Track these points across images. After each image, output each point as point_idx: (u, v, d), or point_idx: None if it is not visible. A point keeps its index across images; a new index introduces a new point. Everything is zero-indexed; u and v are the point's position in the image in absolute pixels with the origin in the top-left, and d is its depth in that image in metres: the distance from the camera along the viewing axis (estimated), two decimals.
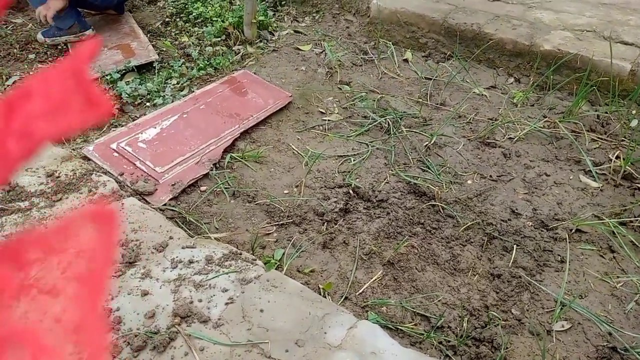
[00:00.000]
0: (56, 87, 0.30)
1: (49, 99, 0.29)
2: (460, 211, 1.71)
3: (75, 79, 0.30)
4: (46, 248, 0.30)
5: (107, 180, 1.68)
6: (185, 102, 2.15)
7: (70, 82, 0.30)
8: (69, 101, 0.29)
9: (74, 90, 0.30)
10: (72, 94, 0.30)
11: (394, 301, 1.44)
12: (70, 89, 0.30)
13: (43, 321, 0.29)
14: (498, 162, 1.91)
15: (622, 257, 1.56)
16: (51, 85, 0.30)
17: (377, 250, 1.57)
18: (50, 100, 0.29)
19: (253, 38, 2.63)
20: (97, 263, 0.29)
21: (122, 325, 1.23)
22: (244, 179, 1.84)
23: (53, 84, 0.30)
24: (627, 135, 1.98)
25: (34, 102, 0.29)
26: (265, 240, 1.61)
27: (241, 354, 1.17)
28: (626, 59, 2.13)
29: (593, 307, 1.43)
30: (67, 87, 0.30)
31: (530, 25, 2.43)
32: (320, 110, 2.20)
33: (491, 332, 1.35)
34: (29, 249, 0.30)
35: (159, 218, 1.56)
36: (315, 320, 1.25)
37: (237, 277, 1.35)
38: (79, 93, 0.29)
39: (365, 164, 1.91)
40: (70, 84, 0.30)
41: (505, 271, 1.50)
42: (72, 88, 0.30)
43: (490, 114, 2.16)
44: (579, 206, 1.73)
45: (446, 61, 2.50)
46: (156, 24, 2.86)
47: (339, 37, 2.71)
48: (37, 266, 0.30)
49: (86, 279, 0.28)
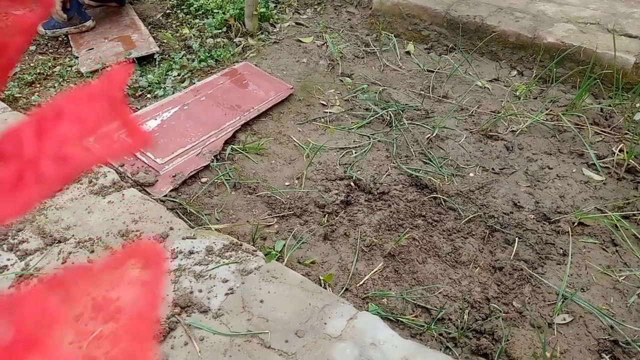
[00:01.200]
0: (88, 110, 0.29)
1: (81, 122, 0.29)
2: (462, 204, 1.70)
3: (109, 103, 0.29)
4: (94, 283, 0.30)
5: (108, 171, 1.68)
6: (186, 94, 2.14)
7: (103, 106, 0.29)
8: (102, 126, 0.29)
9: (108, 115, 0.29)
10: (106, 119, 0.29)
11: (395, 293, 1.43)
12: (103, 113, 0.29)
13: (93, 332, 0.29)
14: (500, 155, 1.90)
15: (625, 251, 1.55)
16: (83, 108, 0.29)
17: (378, 242, 1.57)
18: (83, 124, 0.29)
19: (254, 30, 2.62)
20: (143, 304, 0.29)
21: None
22: (244, 170, 1.83)
23: (85, 106, 0.29)
24: (631, 129, 1.97)
25: (66, 124, 0.28)
26: (266, 232, 1.60)
27: (241, 344, 1.17)
28: (630, 52, 2.11)
29: (595, 300, 1.42)
30: (100, 111, 0.29)
31: (534, 18, 2.41)
32: (322, 103, 2.19)
33: (492, 325, 1.35)
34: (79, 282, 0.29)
35: (160, 209, 1.55)
36: (315, 311, 1.25)
37: (237, 268, 1.35)
38: (113, 118, 0.29)
39: (367, 156, 1.90)
40: (103, 109, 0.29)
41: (507, 264, 1.50)
42: (106, 113, 0.29)
43: (492, 106, 2.15)
44: (582, 199, 1.72)
45: (448, 53, 2.48)
46: (157, 16, 2.85)
47: (341, 29, 2.69)
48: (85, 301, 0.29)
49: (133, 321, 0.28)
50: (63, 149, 0.28)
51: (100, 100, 0.29)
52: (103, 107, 0.29)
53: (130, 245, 1.49)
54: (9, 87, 2.19)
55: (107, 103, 0.29)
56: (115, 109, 0.29)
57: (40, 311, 0.26)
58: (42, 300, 0.27)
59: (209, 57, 2.42)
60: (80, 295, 0.29)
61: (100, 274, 0.29)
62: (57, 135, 0.28)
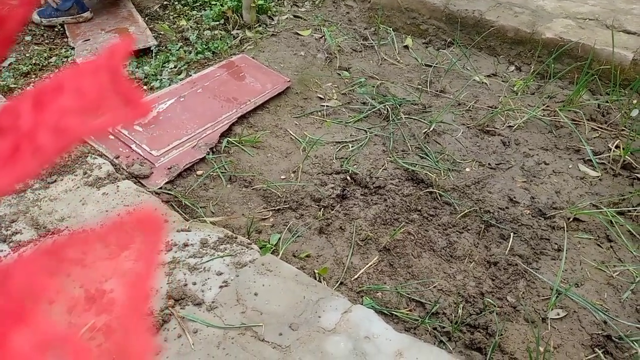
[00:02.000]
0: (90, 83, 0.29)
1: (82, 94, 0.29)
2: (457, 198, 1.70)
3: (111, 76, 0.29)
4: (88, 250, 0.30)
5: (103, 163, 1.67)
6: (182, 86, 2.13)
7: (105, 79, 0.29)
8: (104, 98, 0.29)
9: (109, 87, 0.29)
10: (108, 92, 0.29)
11: (389, 287, 1.43)
12: (105, 86, 0.29)
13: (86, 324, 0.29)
14: (497, 150, 1.90)
15: (619, 247, 1.56)
16: (84, 81, 0.29)
17: (374, 236, 1.57)
18: (84, 97, 0.29)
19: (252, 22, 2.60)
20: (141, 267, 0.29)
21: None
22: (240, 163, 1.83)
23: (86, 79, 0.29)
24: (627, 125, 1.97)
25: (67, 97, 0.29)
26: (261, 225, 1.60)
27: (235, 337, 1.17)
28: (628, 48, 2.11)
29: (589, 295, 1.43)
30: (101, 83, 0.29)
31: (532, 13, 2.40)
32: (319, 96, 2.18)
33: (486, 319, 1.35)
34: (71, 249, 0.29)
35: (155, 201, 1.55)
36: (309, 304, 1.25)
37: (232, 261, 1.34)
38: (114, 91, 0.29)
39: (363, 151, 1.89)
40: (105, 81, 0.29)
41: (502, 259, 1.50)
42: (107, 85, 0.29)
43: (490, 101, 2.14)
44: (578, 195, 1.72)
45: (447, 48, 2.48)
46: (154, 7, 2.83)
47: (339, 22, 2.68)
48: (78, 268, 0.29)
49: (130, 283, 0.28)
50: (62, 121, 0.28)
51: (101, 72, 0.29)
52: (104, 80, 0.29)
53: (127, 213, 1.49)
54: (4, 77, 2.18)
55: (109, 76, 0.29)
56: (117, 81, 0.29)
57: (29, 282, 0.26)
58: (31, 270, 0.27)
59: (206, 49, 2.41)
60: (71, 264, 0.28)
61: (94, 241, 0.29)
62: (56, 107, 0.28)
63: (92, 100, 0.28)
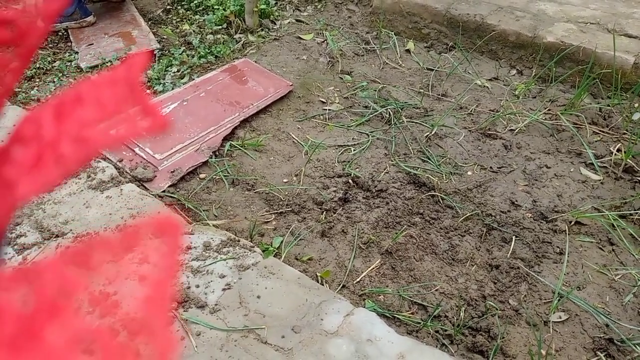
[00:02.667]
0: (108, 94, 0.30)
1: (101, 106, 0.29)
2: (459, 202, 1.71)
3: (129, 88, 0.30)
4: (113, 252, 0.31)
5: (106, 166, 1.68)
6: (185, 90, 2.14)
7: (123, 90, 0.30)
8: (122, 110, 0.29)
9: (128, 99, 0.29)
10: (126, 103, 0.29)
11: (392, 290, 1.44)
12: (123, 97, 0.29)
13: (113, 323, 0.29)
14: (499, 154, 1.91)
15: (621, 250, 1.56)
16: (103, 92, 0.30)
17: (376, 239, 1.57)
18: (103, 108, 0.29)
19: (254, 26, 2.62)
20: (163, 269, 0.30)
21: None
22: (243, 167, 1.84)
23: (105, 91, 0.30)
24: (629, 129, 1.97)
25: (86, 108, 0.29)
26: (264, 228, 1.61)
27: (237, 339, 1.17)
28: (630, 52, 2.11)
29: (591, 298, 1.43)
30: (120, 95, 0.30)
31: (534, 17, 2.41)
32: (321, 100, 2.19)
33: (488, 322, 1.35)
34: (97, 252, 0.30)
35: (158, 204, 1.55)
36: (312, 307, 1.25)
37: (234, 264, 1.35)
38: (132, 103, 0.29)
39: (365, 154, 1.90)
40: (123, 93, 0.30)
41: (504, 262, 1.50)
42: (126, 97, 0.29)
43: (491, 105, 2.15)
44: (579, 198, 1.72)
45: (448, 52, 2.48)
46: (157, 12, 2.85)
47: (341, 26, 2.69)
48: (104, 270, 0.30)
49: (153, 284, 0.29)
50: (82, 132, 0.29)
51: (120, 84, 0.30)
52: (123, 92, 0.29)
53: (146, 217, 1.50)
54: None
55: (127, 87, 0.30)
56: (135, 93, 0.29)
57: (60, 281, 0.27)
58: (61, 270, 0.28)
59: (208, 53, 2.42)
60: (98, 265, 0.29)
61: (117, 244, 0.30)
62: (76, 118, 0.29)
63: (111, 111, 0.29)
